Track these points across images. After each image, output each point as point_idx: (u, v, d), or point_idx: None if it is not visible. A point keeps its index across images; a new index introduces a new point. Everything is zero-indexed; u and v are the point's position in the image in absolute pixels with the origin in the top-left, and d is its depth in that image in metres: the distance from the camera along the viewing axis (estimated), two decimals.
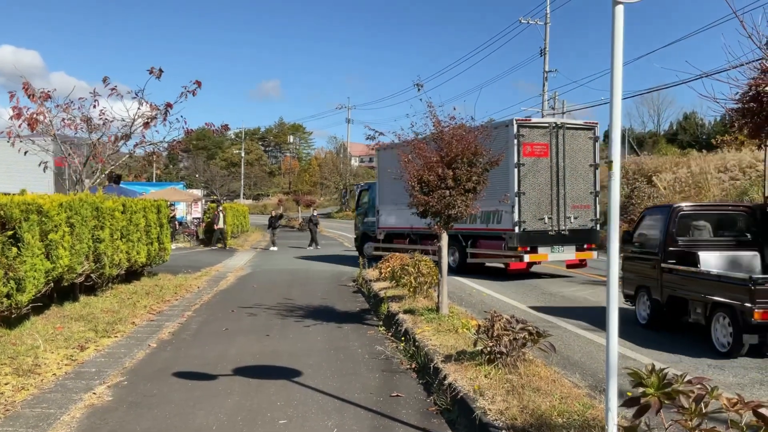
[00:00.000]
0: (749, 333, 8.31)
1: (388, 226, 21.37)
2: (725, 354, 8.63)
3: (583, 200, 17.45)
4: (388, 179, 20.86)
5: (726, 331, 8.70)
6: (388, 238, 21.43)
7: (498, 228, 16.66)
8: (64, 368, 7.57)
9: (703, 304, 9.29)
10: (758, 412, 2.91)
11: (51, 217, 9.98)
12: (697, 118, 66.52)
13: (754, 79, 9.61)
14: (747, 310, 8.13)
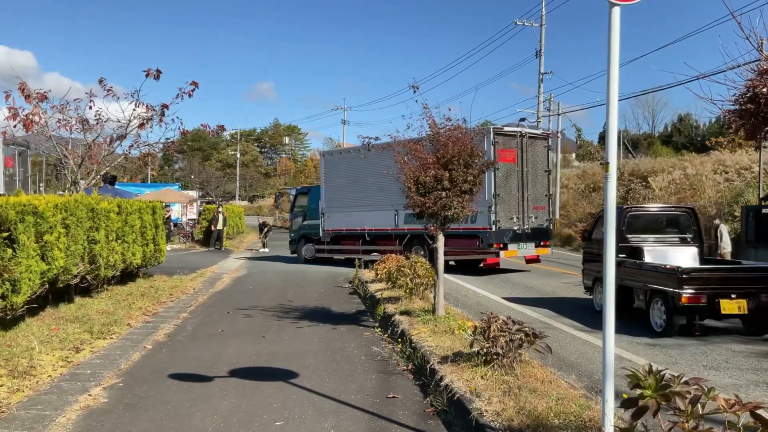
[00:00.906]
0: (678, 314, 9.91)
1: (335, 228, 21.85)
2: (660, 333, 10.13)
3: (541, 202, 19.34)
4: (336, 182, 21.25)
5: (661, 314, 10.25)
6: (336, 240, 21.98)
7: (473, 227, 17.67)
8: (60, 370, 7.54)
9: (644, 292, 10.79)
10: (755, 413, 2.92)
11: (46, 219, 9.95)
12: (691, 120, 66.71)
13: (751, 80, 9.65)
14: (676, 295, 9.78)
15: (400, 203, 19.72)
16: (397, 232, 20.29)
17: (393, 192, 19.99)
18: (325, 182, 21.99)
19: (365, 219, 20.83)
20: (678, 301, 9.75)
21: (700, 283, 9.88)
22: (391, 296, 12.24)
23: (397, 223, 20.15)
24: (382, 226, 20.56)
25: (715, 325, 10.76)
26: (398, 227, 20.20)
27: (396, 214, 20.05)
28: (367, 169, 20.67)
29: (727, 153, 35.21)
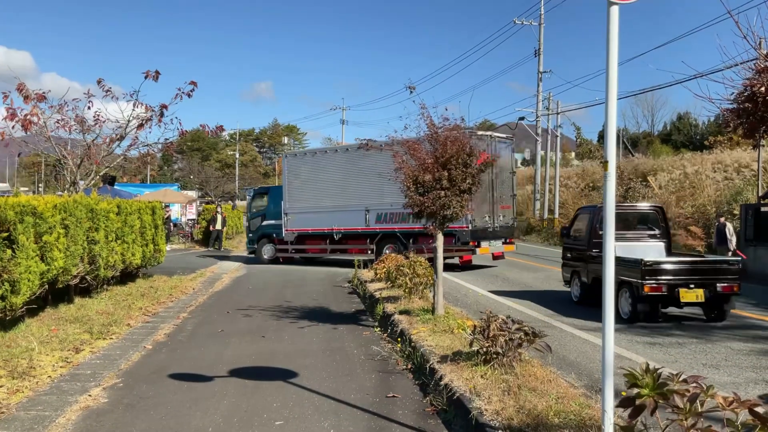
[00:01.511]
0: (642, 302, 10.96)
1: (300, 228, 22.05)
2: (627, 320, 11.22)
3: (507, 202, 20.43)
4: (300, 183, 21.44)
5: (627, 302, 11.34)
6: (300, 240, 22.20)
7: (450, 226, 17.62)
8: (59, 370, 7.54)
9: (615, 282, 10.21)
10: (754, 410, 2.92)
11: (45, 219, 9.95)
12: (690, 119, 66.72)
13: (749, 79, 9.66)
14: (640, 285, 10.81)
15: (371, 203, 20.47)
16: (367, 231, 20.72)
17: (364, 192, 20.53)
18: (288, 183, 22.31)
19: (333, 219, 21.20)
20: (641, 291, 10.80)
21: (660, 274, 10.88)
22: (390, 296, 12.25)
23: (368, 222, 20.62)
24: (351, 226, 20.99)
25: (678, 313, 11.77)
26: (369, 226, 20.65)
27: (366, 213, 20.54)
28: (337, 170, 21.17)
29: (726, 151, 35.24)
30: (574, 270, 13.73)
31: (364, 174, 20.49)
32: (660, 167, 35.21)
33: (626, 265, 11.21)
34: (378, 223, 20.41)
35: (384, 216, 20.28)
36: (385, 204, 20.00)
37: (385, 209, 20.16)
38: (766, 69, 9.34)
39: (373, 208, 20.43)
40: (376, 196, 20.20)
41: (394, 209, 19.89)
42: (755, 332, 10.37)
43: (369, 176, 20.33)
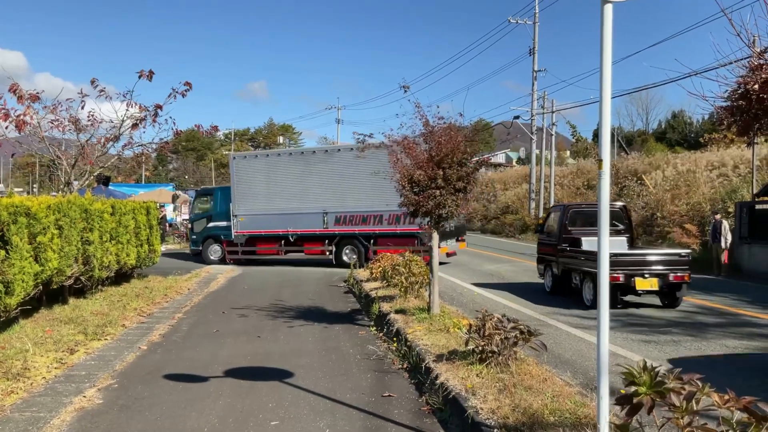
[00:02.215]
0: None
1: (251, 230, 22.14)
2: (590, 306, 12.36)
3: None
4: (252, 185, 21.61)
5: (590, 290, 12.60)
6: (251, 242, 22.32)
7: (411, 228, 19.09)
8: (54, 371, 7.52)
9: (579, 273, 13.21)
10: (749, 408, 2.92)
11: (39, 220, 9.91)
12: (685, 117, 66.91)
13: (742, 77, 9.65)
14: None
15: (330, 205, 20.79)
16: (326, 233, 21.06)
17: (323, 195, 20.81)
18: (238, 185, 22.32)
19: (289, 221, 21.39)
20: None
21: (618, 265, 11.99)
22: (386, 295, 12.24)
23: (327, 224, 20.97)
24: (309, 228, 21.26)
25: (637, 301, 13.14)
26: (328, 228, 21.00)
27: (325, 215, 20.89)
28: (293, 173, 21.34)
29: (721, 149, 35.32)
30: (546, 263, 15.08)
31: (323, 177, 20.86)
32: (655, 165, 35.27)
33: (589, 258, 12.59)
34: (337, 225, 20.90)
35: (344, 218, 20.79)
36: (346, 207, 20.61)
37: (346, 211, 20.70)
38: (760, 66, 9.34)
39: (333, 211, 20.86)
40: (336, 199, 20.73)
41: (354, 212, 20.56)
42: (750, 329, 10.39)
43: (329, 179, 20.78)
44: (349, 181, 20.60)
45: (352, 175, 20.57)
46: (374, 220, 20.29)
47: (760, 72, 9.02)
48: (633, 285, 12.02)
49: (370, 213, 20.43)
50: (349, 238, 20.99)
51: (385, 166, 19.10)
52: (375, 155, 20.37)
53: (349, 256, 21.15)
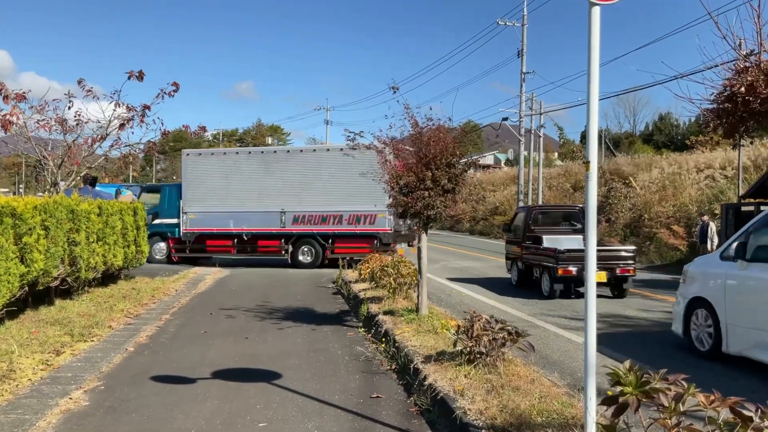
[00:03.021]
0: (557, 282, 14.03)
1: (202, 227, 22.11)
2: (547, 296, 14.26)
3: None
4: (204, 182, 21.65)
5: (547, 283, 14.39)
6: (201, 239, 22.28)
7: (374, 229, 20.29)
8: (40, 373, 7.46)
9: (539, 267, 14.97)
10: (735, 409, 2.94)
11: (25, 220, 9.84)
12: (672, 119, 67.28)
13: (728, 79, 9.75)
14: (555, 268, 13.82)
15: (288, 205, 20.95)
16: (283, 232, 21.22)
17: (281, 194, 20.95)
18: (189, 181, 22.19)
19: (243, 219, 21.45)
20: (556, 273, 13.81)
21: (571, 260, 13.73)
22: (374, 296, 12.23)
23: (284, 223, 21.13)
24: (266, 227, 21.37)
25: None
26: (285, 228, 21.17)
27: (283, 215, 21.05)
28: (249, 172, 21.43)
29: (707, 151, 35.53)
30: (513, 259, 16.81)
31: (283, 177, 21.00)
32: (642, 167, 35.45)
33: (545, 253, 14.38)
34: (295, 224, 21.09)
35: (303, 218, 21.00)
36: (305, 206, 20.84)
37: (305, 211, 20.92)
38: (746, 69, 9.43)
39: (291, 210, 21.03)
40: (295, 199, 20.94)
41: (314, 211, 20.80)
42: None
43: (290, 179, 20.94)
44: (310, 181, 20.90)
45: (313, 176, 20.88)
46: (334, 220, 20.67)
47: (746, 75, 9.11)
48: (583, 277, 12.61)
49: (329, 213, 20.73)
50: (306, 238, 21.28)
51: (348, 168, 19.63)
52: (337, 157, 20.92)
53: (305, 256, 21.47)
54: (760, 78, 9.02)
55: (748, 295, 7.88)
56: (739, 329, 7.91)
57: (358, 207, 20.35)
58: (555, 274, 13.81)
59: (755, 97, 9.08)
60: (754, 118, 9.79)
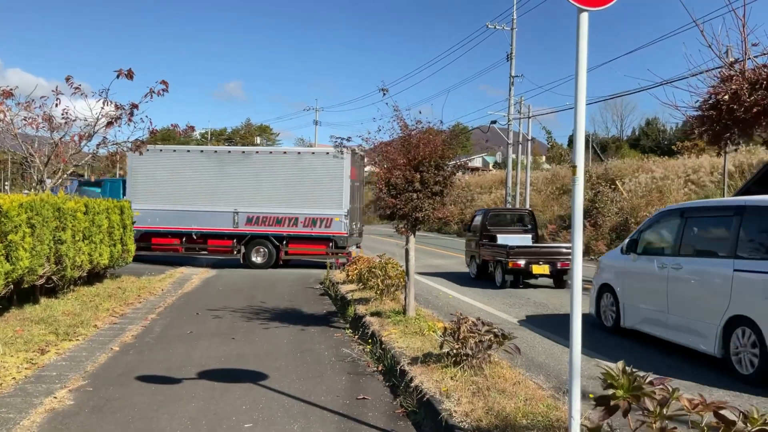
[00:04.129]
0: (508, 274, 16.14)
1: (147, 225, 21.84)
2: (499, 286, 16.35)
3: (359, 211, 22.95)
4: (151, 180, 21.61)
5: (500, 274, 16.45)
6: (146, 237, 22.03)
7: (328, 231, 20.73)
8: (24, 372, 7.41)
9: (493, 261, 16.99)
10: (719, 413, 2.98)
11: (11, 218, 9.77)
12: (659, 124, 67.79)
13: (713, 87, 9.82)
14: (506, 262, 15.93)
15: (241, 205, 20.98)
16: (235, 232, 21.18)
17: (235, 194, 20.98)
18: (135, 177, 21.90)
19: (194, 218, 21.29)
20: (507, 266, 15.89)
21: (520, 255, 15.92)
22: (362, 297, 12.24)
23: (237, 224, 21.09)
24: (217, 227, 21.30)
25: (536, 284, 17.07)
26: (238, 228, 21.13)
27: (236, 215, 21.02)
28: (202, 171, 21.31)
29: (693, 157, 35.81)
30: (472, 255, 18.89)
31: (236, 178, 20.96)
32: (629, 171, 35.65)
33: (499, 249, 16.66)
34: (248, 225, 21.05)
35: (257, 219, 20.99)
36: (260, 208, 20.86)
37: (259, 212, 20.92)
38: (730, 77, 9.51)
39: (245, 211, 21.01)
40: (249, 200, 20.93)
41: (269, 213, 20.81)
42: None
43: (244, 180, 20.91)
44: (266, 183, 20.91)
45: (269, 178, 20.90)
46: (289, 222, 20.79)
47: (731, 83, 9.18)
48: (531, 270, 15.82)
49: (285, 215, 20.79)
50: (260, 239, 21.29)
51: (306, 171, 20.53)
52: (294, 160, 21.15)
53: (258, 257, 21.46)
54: (745, 86, 9.09)
55: (637, 281, 9.98)
56: (631, 308, 10.06)
57: (314, 210, 20.58)
58: (506, 267, 15.89)
59: (739, 105, 9.14)
60: (738, 125, 9.86)
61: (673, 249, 9.26)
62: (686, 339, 8.64)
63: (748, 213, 7.99)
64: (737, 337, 7.65)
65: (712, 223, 8.96)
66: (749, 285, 7.56)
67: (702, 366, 8.26)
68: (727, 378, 7.68)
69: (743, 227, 7.93)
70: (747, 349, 7.50)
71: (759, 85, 9.07)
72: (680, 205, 10.10)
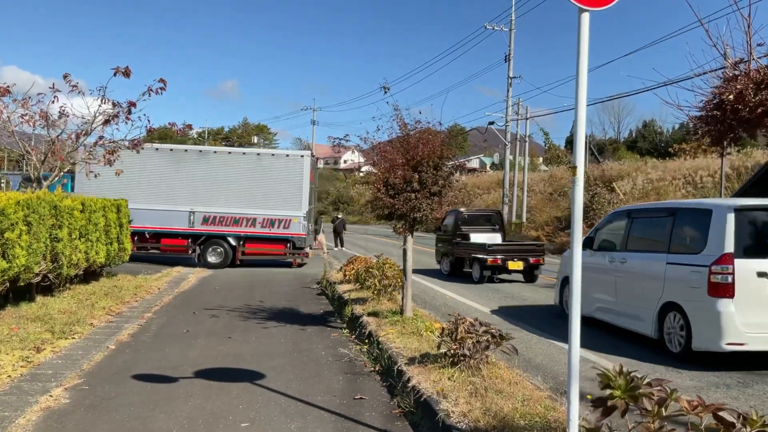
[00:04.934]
0: (486, 270, 17.36)
1: None
2: (477, 281, 17.61)
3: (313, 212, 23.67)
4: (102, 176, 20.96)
5: (477, 270, 17.70)
6: None
7: (287, 233, 21.08)
8: (20, 370, 7.38)
9: (470, 259, 18.25)
10: (718, 415, 2.97)
11: (7, 216, 9.74)
12: (656, 126, 67.91)
13: (717, 87, 9.80)
14: (485, 259, 17.27)
15: (198, 205, 20.95)
16: (191, 232, 21.09)
17: (191, 194, 20.91)
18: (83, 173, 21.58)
19: (145, 217, 21.02)
20: (486, 262, 17.26)
21: (497, 252, 17.46)
22: (359, 297, 12.22)
23: (193, 223, 21.04)
24: (172, 226, 21.21)
25: (507, 278, 18.37)
26: (194, 227, 21.08)
27: (192, 215, 20.96)
28: (156, 170, 21.17)
29: (690, 159, 35.86)
30: (443, 253, 20.16)
31: (193, 177, 20.86)
32: (626, 173, 35.71)
33: (478, 247, 17.99)
34: (205, 224, 21.04)
35: (213, 219, 21.01)
36: (217, 207, 20.87)
37: (216, 212, 20.94)
38: (735, 77, 9.49)
39: (201, 211, 20.98)
40: (206, 200, 20.91)
41: (226, 213, 20.86)
42: None
43: (202, 179, 20.86)
44: (224, 183, 20.92)
45: (228, 178, 20.93)
46: (247, 222, 20.92)
47: (735, 83, 9.16)
48: (507, 266, 17.24)
49: (243, 216, 20.88)
50: (216, 238, 21.27)
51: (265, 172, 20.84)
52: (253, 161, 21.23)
53: (215, 256, 21.36)
54: (750, 86, 9.06)
55: (592, 274, 10.39)
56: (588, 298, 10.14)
57: (273, 211, 20.75)
58: (485, 264, 17.27)
59: (744, 105, 9.12)
60: (742, 126, 9.84)
61: (620, 245, 10.60)
62: (630, 323, 9.92)
63: (679, 214, 9.50)
64: (669, 321, 8.99)
65: (652, 222, 10.40)
66: (678, 275, 8.89)
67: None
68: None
69: (675, 226, 9.37)
70: (676, 331, 8.82)
71: (764, 85, 9.05)
72: (627, 207, 11.42)
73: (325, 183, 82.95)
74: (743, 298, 8.12)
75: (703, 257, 8.50)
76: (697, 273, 8.47)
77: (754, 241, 8.56)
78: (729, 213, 8.45)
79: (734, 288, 8.14)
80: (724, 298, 8.14)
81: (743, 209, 8.58)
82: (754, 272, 8.20)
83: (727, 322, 8.06)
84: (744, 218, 8.50)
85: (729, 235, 8.31)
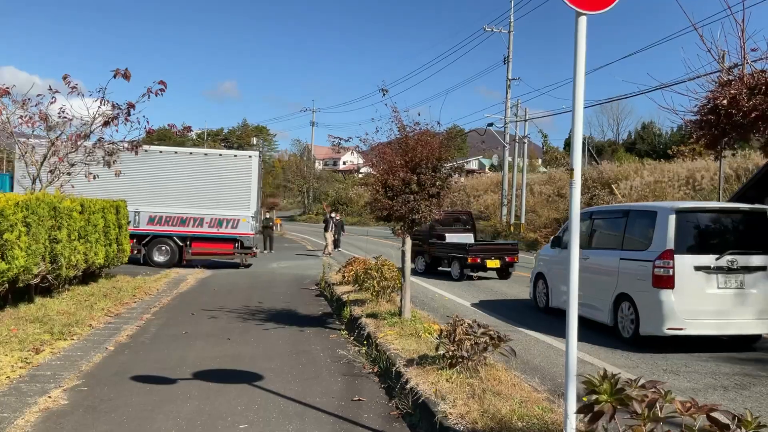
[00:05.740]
0: (466, 268, 18.52)
1: None
2: (457, 279, 18.74)
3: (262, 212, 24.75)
4: None
5: (457, 269, 18.89)
6: None
7: (235, 232, 21.20)
8: (19, 371, 7.39)
9: (448, 258, 19.47)
10: (712, 416, 2.99)
11: (6, 217, 9.75)
12: (654, 128, 67.97)
13: (711, 92, 9.84)
14: (465, 258, 18.24)
15: (143, 204, 20.78)
16: (136, 232, 20.66)
17: (135, 193, 20.62)
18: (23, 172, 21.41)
19: None
20: (466, 261, 18.28)
21: (477, 252, 18.52)
22: (357, 299, 12.24)
23: (138, 223, 20.87)
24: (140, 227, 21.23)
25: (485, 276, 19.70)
26: (139, 227, 20.88)
27: (137, 215, 20.76)
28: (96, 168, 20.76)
29: (687, 161, 35.90)
30: (418, 252, 20.10)
31: (138, 177, 20.51)
32: (624, 175, 35.74)
33: (458, 247, 19.01)
34: (150, 224, 20.96)
35: (159, 219, 20.96)
36: (163, 207, 20.81)
37: (162, 212, 20.88)
38: (729, 82, 9.54)
39: (146, 210, 20.88)
40: (151, 199, 20.82)
41: (173, 213, 20.81)
42: (714, 338, 10.56)
43: (145, 180, 20.70)
44: (170, 183, 20.87)
45: (174, 178, 20.88)
46: (194, 222, 20.91)
47: (729, 88, 9.21)
48: (485, 264, 18.38)
49: (190, 215, 20.86)
50: (162, 238, 21.23)
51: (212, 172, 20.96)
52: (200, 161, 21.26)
53: (160, 255, 21.32)
54: (743, 91, 9.11)
55: (560, 270, 12.04)
56: (557, 292, 12.46)
57: (221, 211, 20.82)
58: (465, 263, 18.28)
59: (738, 109, 9.17)
60: (736, 130, 9.90)
61: (583, 244, 10.82)
62: (591, 313, 10.78)
63: (630, 215, 10.61)
64: (622, 310, 10.09)
65: (609, 223, 11.49)
66: (629, 270, 10.01)
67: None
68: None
69: (627, 226, 10.53)
70: (627, 319, 9.92)
71: (757, 90, 9.10)
72: (589, 209, 12.36)
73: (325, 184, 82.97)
74: (682, 289, 9.21)
75: (648, 253, 9.58)
76: (644, 267, 9.57)
77: (692, 239, 9.62)
78: (670, 214, 9.46)
79: (674, 280, 9.22)
80: (666, 289, 9.24)
81: (683, 211, 9.61)
82: (691, 266, 9.27)
83: (668, 309, 9.19)
84: (684, 219, 9.55)
85: (670, 234, 9.35)
